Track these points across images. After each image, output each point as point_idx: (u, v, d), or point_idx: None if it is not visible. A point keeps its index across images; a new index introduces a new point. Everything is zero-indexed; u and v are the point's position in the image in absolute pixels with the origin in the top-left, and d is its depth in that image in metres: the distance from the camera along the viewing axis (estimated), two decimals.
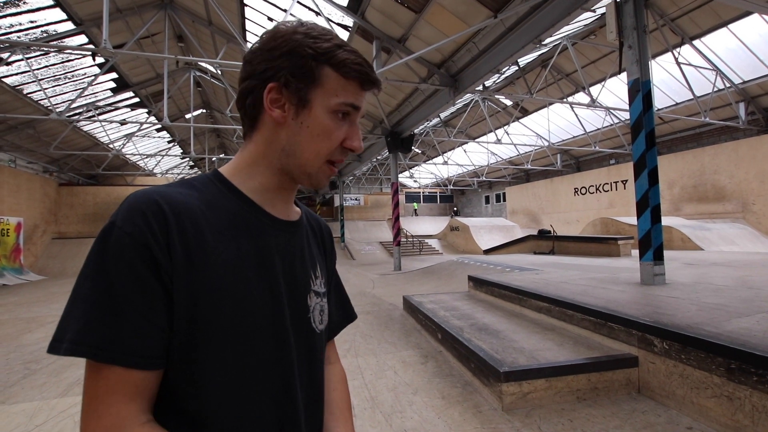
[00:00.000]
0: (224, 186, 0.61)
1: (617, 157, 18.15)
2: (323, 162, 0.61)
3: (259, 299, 0.57)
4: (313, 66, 0.58)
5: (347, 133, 0.61)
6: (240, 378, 0.55)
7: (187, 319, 0.52)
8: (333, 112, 0.59)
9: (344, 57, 0.58)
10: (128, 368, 0.49)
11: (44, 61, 10.31)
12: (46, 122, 12.80)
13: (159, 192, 0.55)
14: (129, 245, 0.50)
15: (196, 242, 0.54)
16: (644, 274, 4.39)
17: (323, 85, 0.58)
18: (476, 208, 31.08)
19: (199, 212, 0.56)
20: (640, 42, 4.49)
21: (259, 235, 0.60)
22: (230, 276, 0.55)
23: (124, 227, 0.51)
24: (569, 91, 13.96)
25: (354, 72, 0.59)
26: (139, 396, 0.50)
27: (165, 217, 0.52)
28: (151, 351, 0.50)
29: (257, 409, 0.57)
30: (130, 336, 0.49)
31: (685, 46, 10.93)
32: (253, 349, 0.56)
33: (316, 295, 0.67)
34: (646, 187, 4.39)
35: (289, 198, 0.67)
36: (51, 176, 17.19)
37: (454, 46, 7.82)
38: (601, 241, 8.94)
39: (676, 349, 2.48)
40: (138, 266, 0.50)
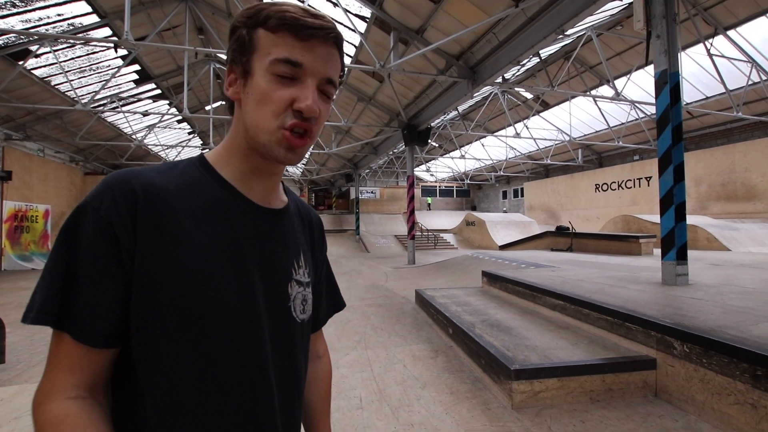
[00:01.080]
0: (206, 171, 0.60)
1: (641, 153, 17.56)
2: (274, 128, 0.56)
3: (229, 285, 0.56)
4: (245, 33, 0.56)
5: (296, 94, 0.55)
6: (208, 364, 0.54)
7: (151, 300, 0.51)
8: (271, 73, 0.55)
9: (268, 12, 0.55)
10: (75, 340, 0.50)
11: (70, 53, 10.59)
12: (72, 113, 13.19)
13: (135, 172, 0.55)
14: (93, 221, 0.51)
15: (168, 224, 0.53)
16: (666, 273, 4.23)
17: (258, 49, 0.56)
18: (493, 203, 30.67)
19: (174, 195, 0.55)
20: (670, 31, 4.28)
21: (237, 221, 0.59)
22: (201, 260, 0.54)
23: (92, 203, 0.51)
24: (593, 84, 13.52)
25: (278, 21, 0.54)
26: (80, 370, 0.50)
27: (135, 197, 0.52)
28: (97, 328, 0.50)
29: (227, 397, 0.55)
30: (82, 309, 0.50)
31: (719, 36, 10.40)
32: (221, 336, 0.55)
33: (298, 284, 0.65)
34: (671, 183, 4.21)
35: (270, 183, 0.65)
36: (77, 165, 17.75)
37: (473, 36, 7.65)
38: (622, 239, 8.68)
39: (697, 353, 2.38)
40: (98, 242, 0.50)
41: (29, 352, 3.88)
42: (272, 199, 0.66)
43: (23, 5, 8.49)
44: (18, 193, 12.67)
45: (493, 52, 7.60)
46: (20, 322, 0.50)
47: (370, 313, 5.27)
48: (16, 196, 12.60)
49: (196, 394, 0.53)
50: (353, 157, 20.38)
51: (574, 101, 15.17)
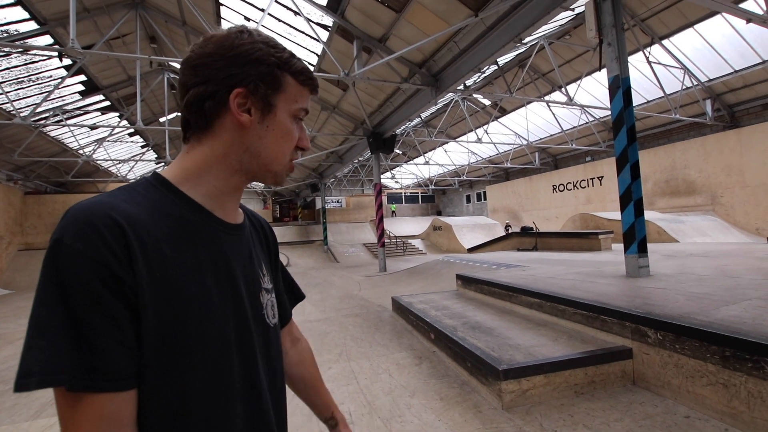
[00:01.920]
0: (172, 193, 0.60)
1: (593, 154, 18.64)
2: (287, 161, 0.66)
3: (219, 305, 0.58)
4: (278, 74, 0.62)
5: (300, 135, 0.67)
6: (213, 381, 0.56)
7: (156, 331, 0.52)
8: (293, 116, 0.65)
9: (301, 66, 0.65)
10: (102, 393, 0.47)
11: (5, 62, 9.77)
12: (9, 127, 12.13)
13: (108, 204, 0.52)
14: (83, 264, 0.48)
15: (154, 254, 0.53)
16: (629, 266, 4.47)
17: (285, 92, 0.63)
18: (458, 208, 31.37)
19: (153, 223, 0.55)
20: (619, 39, 4.58)
21: (213, 242, 0.61)
22: (191, 285, 0.56)
23: (74, 245, 0.48)
24: (546, 90, 14.25)
25: (308, 80, 0.66)
26: (110, 425, 0.48)
27: (123, 231, 0.51)
28: (123, 372, 0.49)
29: (231, 409, 0.58)
30: (101, 358, 0.47)
31: (655, 45, 11.31)
32: (221, 353, 0.57)
33: (266, 291, 0.70)
34: (629, 181, 4.47)
35: (238, 200, 0.70)
36: (15, 184, 16.33)
37: (435, 45, 7.83)
38: (582, 236, 9.13)
39: (670, 340, 2.51)
40: (95, 286, 0.48)
41: None
42: (236, 215, 0.69)
43: None
44: None
45: (454, 60, 7.81)
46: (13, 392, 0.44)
47: (347, 324, 5.17)
48: None
49: (206, 409, 0.56)
50: (318, 166, 20.17)
51: (529, 107, 15.90)
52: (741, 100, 13.05)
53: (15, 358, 4.53)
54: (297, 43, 9.92)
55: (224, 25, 9.97)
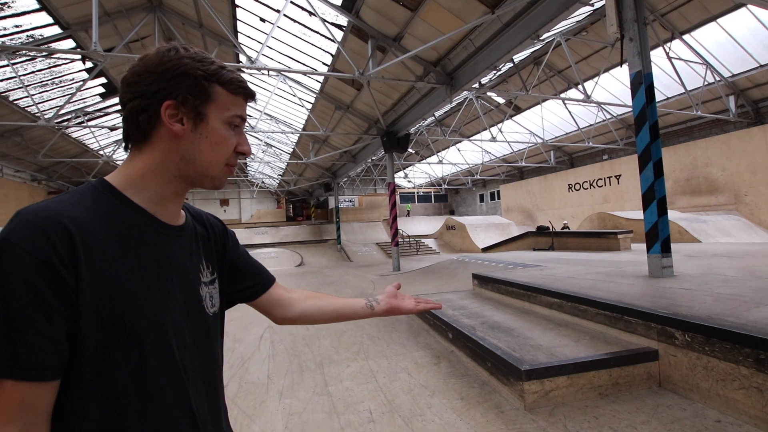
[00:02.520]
0: (117, 198, 0.65)
1: (610, 153, 18.30)
2: (223, 165, 0.71)
3: (158, 299, 0.64)
4: (205, 85, 0.67)
5: (238, 140, 0.72)
6: (154, 368, 0.63)
7: (96, 328, 0.57)
8: (227, 123, 0.70)
9: (230, 77, 0.69)
10: (23, 381, 0.52)
11: (30, 66, 10.08)
12: (33, 129, 12.53)
13: (57, 209, 0.57)
14: (28, 264, 0.52)
15: (99, 257, 0.58)
16: (652, 266, 4.37)
17: (216, 101, 0.68)
18: (471, 207, 31.15)
19: (98, 226, 0.60)
20: (641, 34, 4.47)
21: (155, 243, 0.67)
22: (132, 285, 0.61)
23: (21, 245, 0.52)
24: (561, 87, 14.03)
25: (240, 89, 0.70)
26: (21, 414, 0.52)
27: (70, 234, 0.55)
28: (46, 363, 0.53)
29: (168, 395, 0.65)
30: (26, 350, 0.51)
31: (676, 40, 11.03)
32: (160, 342, 0.64)
33: (205, 285, 0.77)
34: (652, 179, 4.37)
35: (180, 203, 0.75)
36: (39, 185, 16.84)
37: (450, 43, 7.78)
38: (601, 236, 8.96)
39: (699, 341, 2.44)
40: (38, 284, 0.52)
41: None
42: (178, 217, 0.75)
43: None
44: None
45: (470, 58, 7.75)
46: None
47: (363, 323, 5.17)
48: None
49: (138, 398, 0.61)
50: (331, 166, 20.26)
51: (544, 104, 15.67)
52: (767, 96, 12.63)
53: None
54: (312, 44, 9.97)
55: (239, 27, 10.10)
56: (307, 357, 3.86)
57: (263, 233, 22.32)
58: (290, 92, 12.29)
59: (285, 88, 12.33)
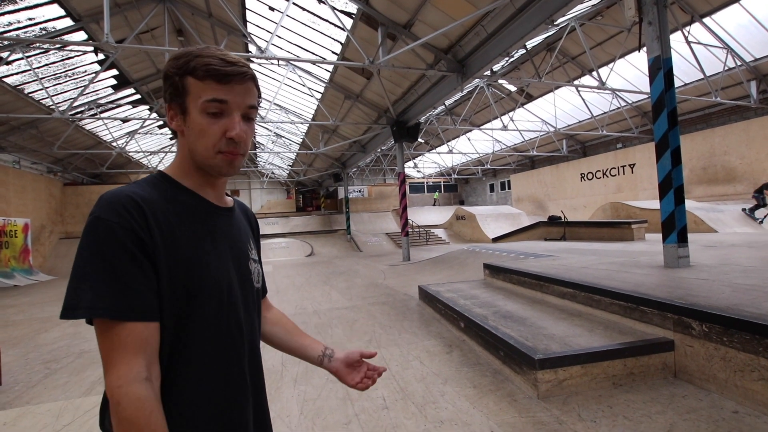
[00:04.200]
0: (171, 184, 0.77)
1: (624, 141, 17.93)
2: (213, 154, 0.74)
3: (215, 265, 0.75)
4: (178, 81, 0.73)
5: (226, 125, 0.73)
6: (213, 325, 0.73)
7: (170, 281, 0.68)
8: (203, 111, 0.72)
9: (194, 64, 0.71)
10: (135, 321, 0.63)
11: (44, 59, 10.18)
12: (48, 122, 12.72)
13: (128, 190, 0.69)
14: (119, 231, 0.64)
15: (165, 226, 0.69)
16: (668, 256, 4.30)
17: (191, 93, 0.73)
18: (481, 197, 30.92)
19: (161, 204, 0.71)
20: (661, 18, 4.33)
21: (208, 219, 0.78)
22: (193, 249, 0.72)
23: (110, 218, 0.64)
24: (575, 74, 13.71)
25: (206, 73, 0.71)
26: (143, 348, 0.63)
27: (141, 208, 0.67)
28: (150, 307, 0.65)
29: (228, 348, 0.76)
30: (134, 298, 0.63)
31: (695, 23, 10.66)
32: (218, 300, 0.74)
33: (253, 261, 0.88)
34: (669, 167, 4.28)
35: (219, 189, 0.84)
36: (55, 176, 17.16)
37: (461, 30, 7.64)
38: (614, 226, 8.83)
39: (717, 332, 2.40)
40: (129, 246, 0.64)
41: (27, 372, 3.70)
42: (224, 200, 0.86)
43: None
44: None
45: (482, 44, 7.60)
46: (60, 318, 0.63)
47: (375, 312, 5.22)
48: None
49: (201, 346, 0.72)
50: (341, 156, 20.24)
51: (557, 92, 15.35)
52: None
53: (63, 339, 4.81)
54: (321, 32, 9.89)
55: (248, 17, 10.05)
56: None
57: (274, 223, 22.49)
58: (299, 82, 12.24)
59: (294, 78, 12.28)
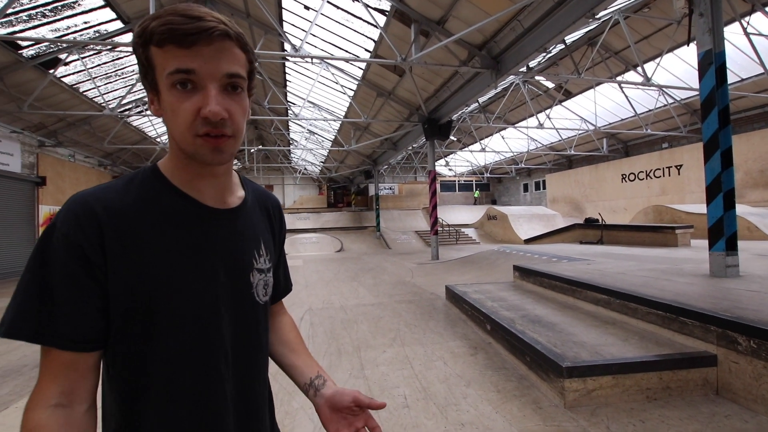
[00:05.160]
0: (160, 182, 0.65)
1: (671, 140, 16.89)
2: (191, 138, 0.59)
3: (193, 286, 0.62)
4: (140, 54, 0.59)
5: (199, 102, 0.57)
6: (181, 351, 0.62)
7: (126, 307, 0.59)
8: (171, 86, 0.58)
9: (151, 27, 0.56)
10: (59, 350, 0.56)
11: (96, 60, 10.87)
12: (100, 118, 13.58)
13: (95, 195, 0.60)
14: (63, 245, 0.56)
15: (130, 239, 0.59)
16: (714, 265, 4.02)
17: (156, 66, 0.58)
18: (514, 197, 30.15)
19: (133, 211, 0.61)
20: (714, 8, 4.04)
21: (194, 225, 0.65)
22: (165, 267, 0.60)
23: (61, 228, 0.57)
24: (618, 70, 13.02)
25: (161, 36, 0.55)
26: (62, 377, 0.56)
27: (98, 220, 0.58)
28: (81, 336, 0.57)
29: (198, 373, 0.63)
30: (61, 323, 0.56)
31: (756, 13, 9.85)
32: (192, 329, 0.62)
33: (259, 272, 0.73)
34: (719, 170, 3.99)
35: (218, 183, 0.68)
36: (105, 170, 18.31)
37: (496, 25, 7.45)
38: (656, 230, 8.36)
39: (767, 349, 2.23)
40: (70, 263, 0.56)
41: None
42: (227, 198, 0.70)
43: (53, 15, 8.74)
44: (52, 197, 13.14)
45: (517, 40, 7.39)
46: None
47: (401, 310, 5.22)
48: (50, 200, 13.07)
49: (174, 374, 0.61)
50: (372, 153, 20.33)
51: (598, 89, 14.67)
52: None
53: None
54: (355, 30, 9.95)
55: (284, 16, 10.27)
56: (345, 341, 3.96)
57: (305, 219, 22.97)
58: (333, 80, 12.39)
59: (327, 76, 12.45)
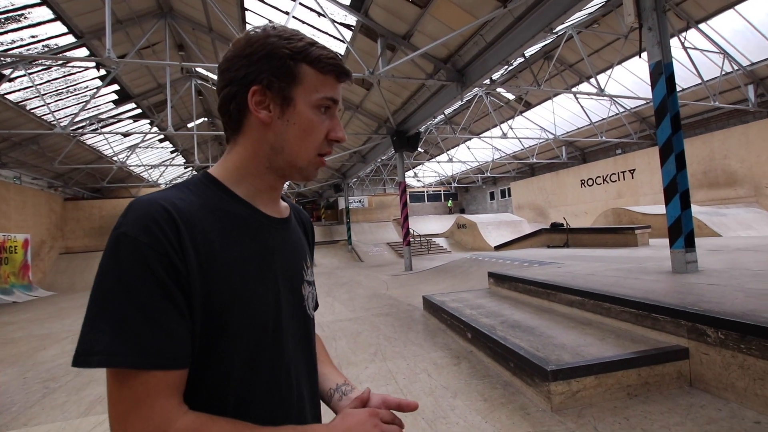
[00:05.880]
0: (220, 190, 0.63)
1: (623, 147, 17.96)
2: (314, 155, 0.64)
3: (261, 295, 0.61)
4: (291, 65, 0.61)
5: (330, 126, 0.65)
6: (250, 365, 0.59)
7: (203, 318, 0.55)
8: (316, 107, 0.63)
9: (318, 53, 0.62)
10: (167, 370, 0.51)
11: (46, 75, 10.25)
12: (49, 137, 12.77)
13: (164, 199, 0.56)
14: (149, 255, 0.51)
15: (204, 247, 0.56)
16: (676, 262, 4.24)
17: (303, 83, 0.62)
18: (481, 205, 30.89)
19: (202, 217, 0.58)
20: (660, 23, 4.35)
21: (259, 235, 0.64)
22: (236, 276, 0.58)
23: (139, 237, 0.51)
24: (573, 81, 13.79)
25: (329, 66, 0.63)
26: (177, 391, 0.52)
27: (176, 224, 0.54)
28: (184, 352, 0.53)
29: (265, 386, 0.61)
30: (165, 341, 0.51)
31: (691, 30, 10.75)
32: (259, 340, 0.60)
33: (308, 284, 0.72)
34: (674, 172, 4.25)
35: (278, 197, 0.71)
36: (56, 191, 17.16)
37: (460, 39, 7.70)
38: (618, 232, 8.78)
39: (733, 339, 2.34)
40: (161, 274, 0.51)
41: (24, 392, 3.62)
42: (280, 210, 0.71)
43: None
44: None
45: (481, 53, 7.65)
46: (72, 366, 0.48)
47: (379, 323, 5.15)
48: None
49: (244, 387, 0.59)
50: (341, 166, 20.28)
51: (555, 100, 15.43)
52: None
53: (62, 357, 4.73)
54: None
55: None
56: None
57: None
58: None
59: None
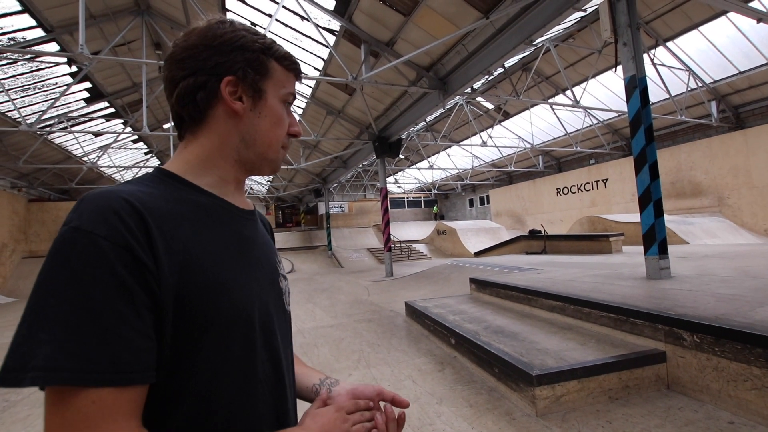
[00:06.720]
0: (180, 183, 0.59)
1: (597, 157, 18.61)
2: (279, 147, 0.65)
3: (244, 287, 0.56)
4: (264, 59, 0.62)
5: (290, 121, 0.67)
6: (239, 364, 0.54)
7: (178, 319, 0.49)
8: (282, 101, 0.65)
9: (284, 52, 0.65)
10: (123, 387, 0.44)
11: (11, 70, 9.77)
12: (14, 135, 12.14)
13: (123, 191, 0.50)
14: (106, 248, 0.44)
15: (175, 239, 0.51)
16: (650, 268, 4.39)
17: (273, 77, 0.63)
18: (461, 212, 31.29)
19: (171, 208, 0.53)
20: (635, 39, 4.54)
21: (233, 224, 0.60)
22: (215, 268, 0.53)
23: (95, 230, 0.45)
24: (549, 93, 14.23)
25: (293, 65, 0.66)
26: (135, 413, 0.45)
27: (141, 215, 0.48)
28: (145, 363, 0.45)
29: (255, 391, 0.57)
30: (122, 351, 0.43)
31: (659, 47, 11.31)
32: (246, 336, 0.55)
33: (283, 278, 0.70)
34: (648, 181, 4.41)
35: (243, 190, 0.69)
36: (20, 192, 16.30)
37: (443, 48, 7.81)
38: (593, 239, 9.05)
39: (708, 342, 2.43)
40: (120, 272, 0.45)
41: None
42: (245, 203, 0.68)
43: None
44: None
45: (462, 63, 7.79)
46: None
47: (361, 330, 5.09)
48: None
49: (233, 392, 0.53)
50: (322, 171, 20.13)
51: (533, 110, 15.88)
52: (746, 101, 13.03)
53: None
54: (304, 48, 9.92)
55: None
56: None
57: None
58: None
59: None
